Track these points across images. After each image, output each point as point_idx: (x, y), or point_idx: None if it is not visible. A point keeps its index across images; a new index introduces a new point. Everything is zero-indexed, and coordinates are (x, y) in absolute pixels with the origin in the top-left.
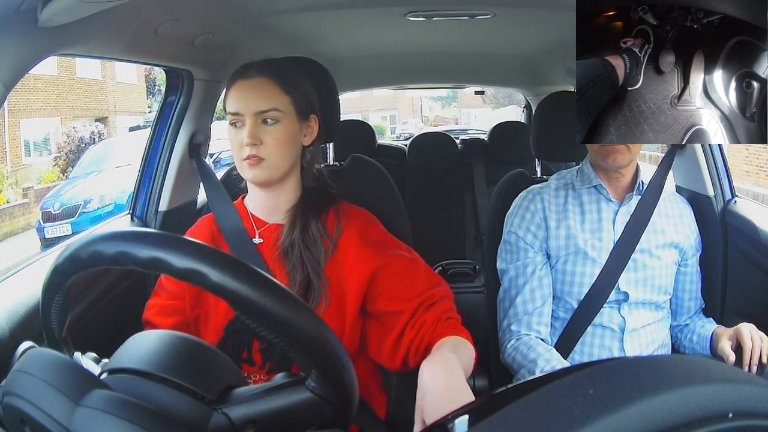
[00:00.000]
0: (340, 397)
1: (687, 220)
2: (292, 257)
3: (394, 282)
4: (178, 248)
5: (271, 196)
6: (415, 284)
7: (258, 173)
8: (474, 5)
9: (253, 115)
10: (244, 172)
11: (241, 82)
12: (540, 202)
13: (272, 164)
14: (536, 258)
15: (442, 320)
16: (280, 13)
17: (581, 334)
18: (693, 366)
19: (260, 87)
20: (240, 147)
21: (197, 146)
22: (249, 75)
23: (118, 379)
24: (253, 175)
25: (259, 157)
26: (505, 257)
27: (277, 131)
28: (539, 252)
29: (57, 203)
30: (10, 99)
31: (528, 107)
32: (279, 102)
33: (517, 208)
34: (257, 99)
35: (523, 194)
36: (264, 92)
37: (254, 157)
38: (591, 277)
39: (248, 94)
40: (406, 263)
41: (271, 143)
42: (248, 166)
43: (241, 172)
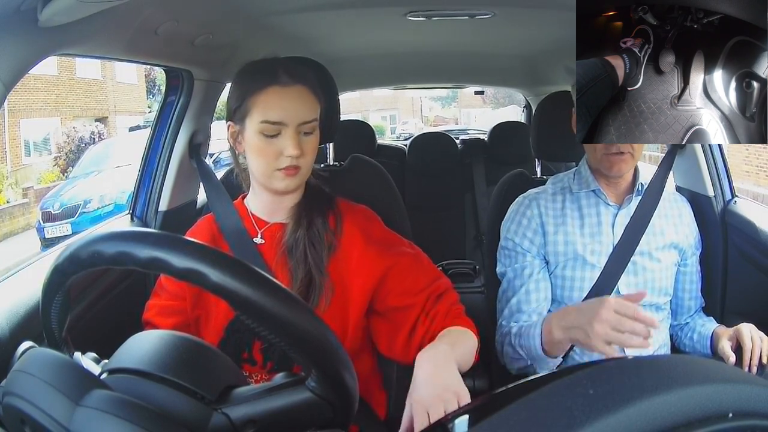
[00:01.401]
0: (340, 397)
1: (686, 220)
2: (296, 254)
3: (401, 279)
4: (178, 248)
5: (279, 198)
6: (421, 278)
7: (293, 182)
8: (474, 5)
9: (297, 126)
10: (277, 182)
11: (277, 89)
12: (536, 207)
13: (305, 172)
14: (534, 261)
15: (452, 312)
16: (280, 13)
17: None
18: (693, 366)
19: (301, 96)
20: (276, 157)
21: (197, 146)
22: (284, 82)
23: (118, 379)
24: (287, 184)
25: (297, 167)
26: (503, 261)
27: (313, 140)
28: (537, 256)
29: (57, 203)
30: (10, 99)
31: (528, 107)
32: (316, 111)
33: (514, 214)
34: (301, 109)
35: (519, 200)
36: (305, 102)
37: (294, 168)
38: (591, 281)
39: (290, 104)
40: (411, 259)
41: (309, 152)
42: (285, 175)
43: (269, 181)
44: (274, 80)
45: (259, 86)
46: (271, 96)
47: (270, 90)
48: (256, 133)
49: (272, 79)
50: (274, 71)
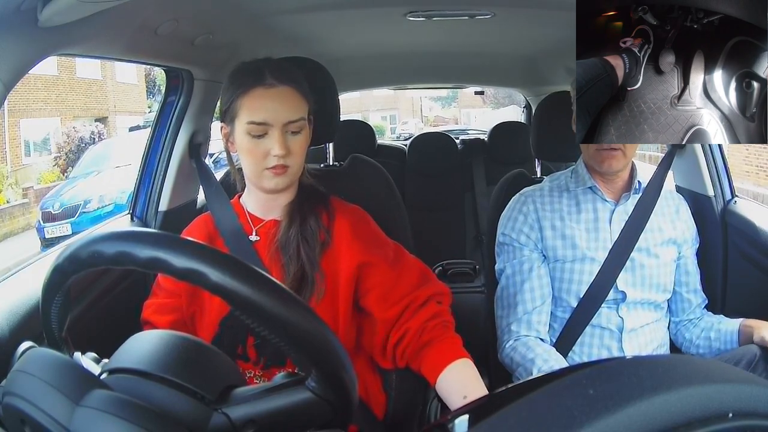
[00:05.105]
0: (340, 397)
1: (684, 216)
2: (289, 251)
3: (378, 282)
4: (177, 248)
5: (273, 196)
6: (398, 288)
7: (282, 181)
8: (474, 5)
9: (282, 126)
10: (266, 181)
11: (262, 90)
12: (532, 203)
13: (294, 171)
14: (532, 256)
15: (428, 328)
16: (280, 13)
17: (580, 334)
18: (693, 366)
19: (286, 96)
20: (264, 157)
21: (197, 146)
22: (270, 83)
23: (118, 379)
24: (277, 183)
25: (285, 165)
26: (502, 257)
27: (301, 139)
28: (534, 250)
29: (57, 203)
30: (10, 99)
31: (528, 107)
32: (303, 111)
33: (510, 211)
34: (286, 109)
35: (516, 197)
36: (291, 102)
37: (282, 167)
38: (590, 275)
39: (275, 104)
40: (389, 266)
41: (297, 151)
42: (273, 175)
43: (259, 180)
44: (259, 81)
45: (245, 88)
46: (256, 97)
47: (255, 91)
48: (244, 133)
49: (257, 80)
50: (260, 73)
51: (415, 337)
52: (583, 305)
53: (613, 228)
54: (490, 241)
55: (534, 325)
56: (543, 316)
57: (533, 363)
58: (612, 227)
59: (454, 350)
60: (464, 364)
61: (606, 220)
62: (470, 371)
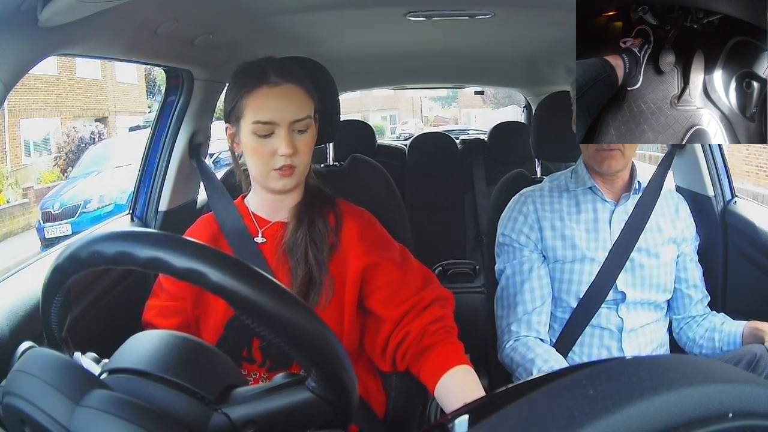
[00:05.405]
0: (340, 397)
1: (683, 215)
2: (297, 254)
3: (384, 282)
4: (178, 248)
5: (280, 197)
6: (404, 289)
7: (289, 182)
8: (474, 5)
9: (289, 124)
10: (274, 182)
11: (266, 89)
12: (532, 204)
13: (301, 171)
14: (532, 256)
15: (429, 332)
16: (280, 13)
17: (579, 335)
18: (693, 366)
19: (291, 94)
20: (271, 157)
21: (197, 146)
22: (274, 81)
23: (118, 379)
24: (284, 184)
25: (293, 166)
26: (502, 258)
27: (307, 138)
28: (534, 251)
29: (57, 203)
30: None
31: (528, 107)
32: (309, 109)
33: (510, 212)
34: (292, 108)
35: (515, 198)
36: (296, 100)
37: (289, 168)
38: (590, 276)
39: (281, 103)
40: (397, 265)
41: (303, 150)
42: (280, 176)
43: (266, 181)
44: (264, 80)
45: (250, 87)
46: (261, 96)
47: (260, 90)
48: (250, 133)
49: (262, 79)
50: (264, 71)
51: (416, 340)
52: (583, 305)
53: (613, 228)
54: (490, 242)
55: (534, 325)
56: (543, 316)
57: (533, 363)
58: (612, 227)
59: (455, 356)
60: (464, 371)
61: (606, 221)
62: (470, 378)
